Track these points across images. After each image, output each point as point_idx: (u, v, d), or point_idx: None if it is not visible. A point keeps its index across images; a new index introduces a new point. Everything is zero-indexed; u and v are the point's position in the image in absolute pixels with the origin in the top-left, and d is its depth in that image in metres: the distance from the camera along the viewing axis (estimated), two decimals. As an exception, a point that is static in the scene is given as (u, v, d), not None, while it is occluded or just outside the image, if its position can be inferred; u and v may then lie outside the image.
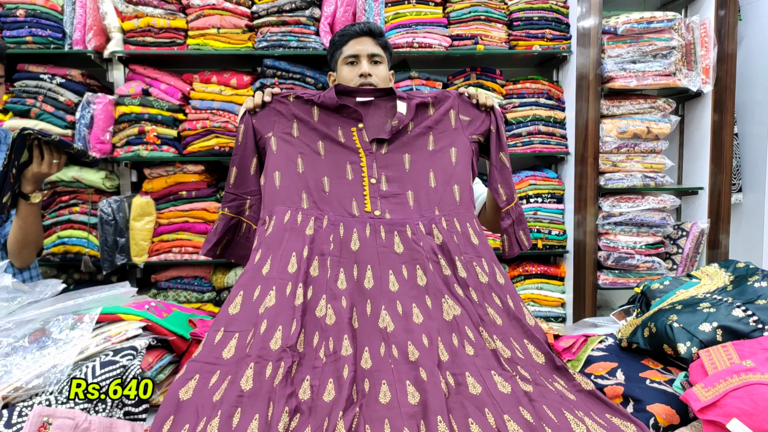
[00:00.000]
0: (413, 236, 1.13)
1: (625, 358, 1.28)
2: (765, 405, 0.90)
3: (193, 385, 0.93)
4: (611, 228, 2.72)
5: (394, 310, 1.05)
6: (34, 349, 1.16)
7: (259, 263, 1.10)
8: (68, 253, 2.56)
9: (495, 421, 0.88)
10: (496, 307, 1.10)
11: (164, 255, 2.60)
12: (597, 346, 1.40)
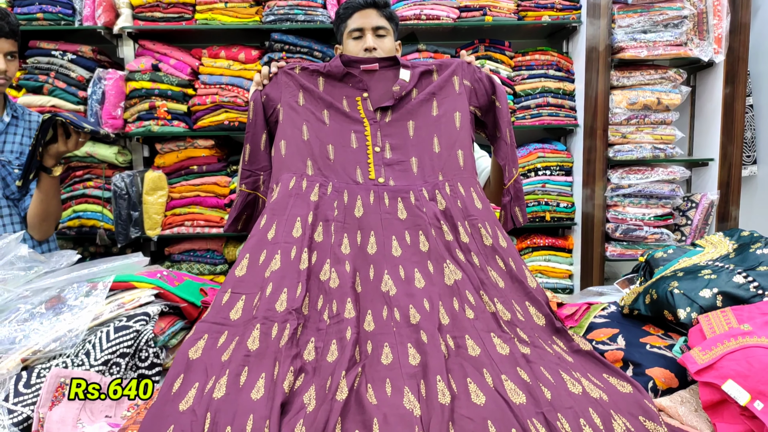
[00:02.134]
0: (416, 202, 1.15)
1: (627, 325, 1.30)
2: (760, 366, 0.91)
3: (202, 345, 0.97)
4: (620, 200, 2.71)
5: (396, 274, 1.07)
6: (51, 315, 1.21)
7: (264, 228, 1.13)
8: (84, 227, 2.61)
9: (493, 380, 0.91)
10: (499, 269, 1.12)
11: (177, 228, 2.65)
12: (599, 313, 1.42)
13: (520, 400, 0.88)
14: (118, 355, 1.11)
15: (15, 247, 1.41)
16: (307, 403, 0.87)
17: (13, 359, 1.09)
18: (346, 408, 0.85)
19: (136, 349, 1.15)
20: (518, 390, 0.90)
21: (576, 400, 0.89)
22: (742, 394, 0.90)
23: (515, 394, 0.89)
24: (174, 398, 0.88)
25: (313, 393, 0.89)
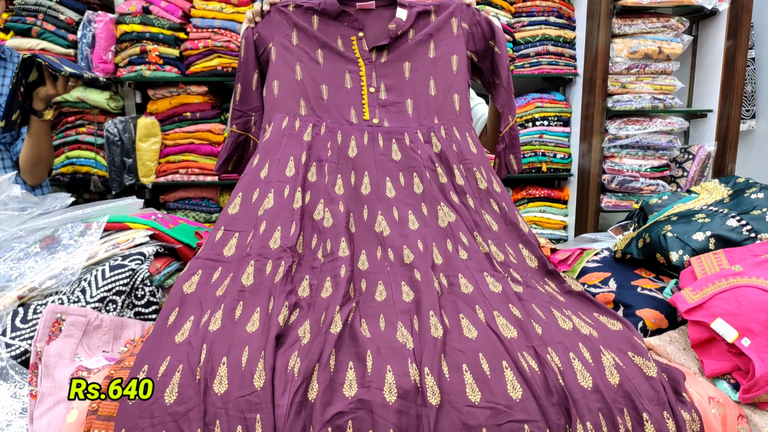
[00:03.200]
0: (411, 144, 1.14)
1: (619, 269, 1.31)
2: (749, 305, 0.93)
3: (196, 280, 0.97)
4: (617, 151, 2.70)
5: (390, 215, 1.07)
6: (45, 254, 1.21)
7: (257, 167, 1.11)
8: (77, 173, 2.60)
9: (485, 316, 0.92)
10: (493, 212, 1.12)
11: (171, 176, 2.63)
12: (592, 258, 1.43)
13: (511, 335, 0.89)
14: (114, 293, 1.12)
15: (7, 188, 1.40)
16: (301, 336, 0.88)
17: (9, 296, 1.10)
18: (340, 340, 0.86)
19: (132, 288, 1.15)
20: (510, 325, 0.91)
21: (566, 336, 0.90)
22: (730, 331, 0.92)
23: (507, 329, 0.90)
24: (169, 331, 0.89)
25: (308, 327, 0.90)
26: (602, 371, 0.86)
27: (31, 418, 0.89)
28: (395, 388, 0.79)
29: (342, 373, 0.82)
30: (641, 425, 0.82)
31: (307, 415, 0.78)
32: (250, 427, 0.77)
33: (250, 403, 0.78)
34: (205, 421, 0.78)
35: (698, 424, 0.85)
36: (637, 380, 0.86)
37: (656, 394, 0.85)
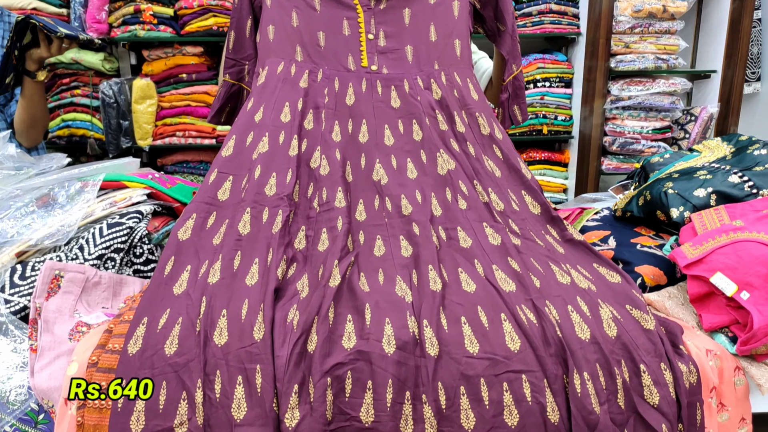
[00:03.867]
0: (410, 91, 1.11)
1: (618, 227, 1.31)
2: (750, 259, 0.92)
3: (191, 225, 0.96)
4: (619, 113, 2.67)
5: (388, 163, 1.05)
6: (42, 213, 1.20)
7: (251, 110, 1.09)
8: (73, 136, 2.57)
9: (483, 270, 0.92)
10: (496, 158, 1.10)
11: (168, 139, 2.61)
12: (592, 217, 1.42)
13: (509, 288, 0.89)
14: (112, 250, 1.11)
15: (2, 146, 1.38)
16: (300, 290, 0.88)
17: (7, 254, 1.10)
18: (338, 294, 0.86)
19: (130, 246, 1.15)
20: (508, 279, 0.91)
21: (564, 290, 0.90)
22: (730, 285, 0.92)
23: (505, 282, 0.90)
24: (167, 281, 0.89)
25: (306, 281, 0.90)
26: (600, 324, 0.86)
27: (32, 371, 0.89)
28: (394, 340, 0.79)
29: (341, 326, 0.83)
30: (638, 376, 0.82)
31: (306, 365, 0.78)
32: (250, 377, 0.77)
33: (250, 354, 0.79)
34: (206, 371, 0.78)
35: (695, 376, 0.85)
36: (634, 333, 0.86)
37: (654, 346, 0.85)
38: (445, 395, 0.78)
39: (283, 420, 0.74)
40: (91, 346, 0.86)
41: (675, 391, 0.82)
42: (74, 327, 0.98)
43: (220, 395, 0.77)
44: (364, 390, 0.77)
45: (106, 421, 0.79)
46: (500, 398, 0.78)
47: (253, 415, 0.75)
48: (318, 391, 0.76)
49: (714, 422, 0.88)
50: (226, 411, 0.76)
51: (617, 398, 0.80)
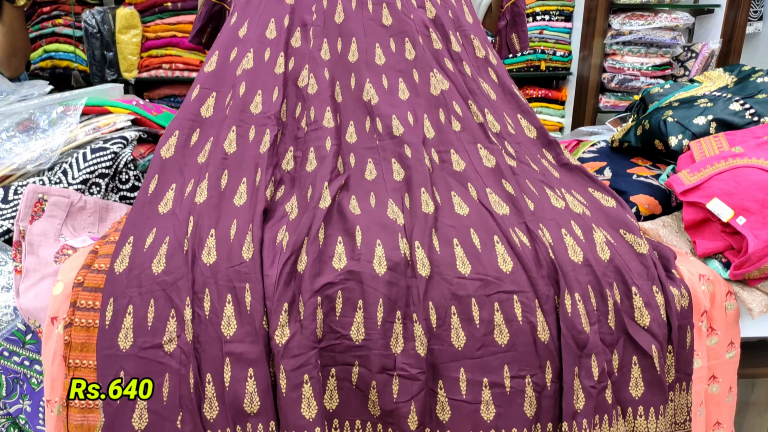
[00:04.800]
0: (403, 8, 1.06)
1: (615, 158, 1.28)
2: (748, 184, 0.91)
3: (174, 142, 0.93)
4: (619, 48, 2.60)
5: (379, 83, 1.01)
6: (24, 137, 1.16)
7: (235, 25, 1.04)
8: (57, 68, 2.49)
9: (477, 193, 0.90)
10: (491, 82, 1.06)
11: (154, 71, 2.53)
12: (588, 149, 1.40)
13: (503, 211, 0.87)
14: (96, 175, 1.08)
15: (-21, 70, 1.33)
16: (289, 212, 0.86)
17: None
18: (328, 216, 0.84)
19: (115, 171, 1.12)
20: (502, 202, 0.89)
21: (558, 213, 0.89)
22: (726, 210, 0.90)
23: (499, 205, 0.88)
24: (151, 200, 0.87)
25: (295, 203, 0.88)
26: (593, 247, 0.85)
27: (17, 292, 0.88)
28: (385, 261, 0.78)
29: (331, 247, 0.81)
30: (629, 298, 0.82)
31: (296, 285, 0.77)
32: (239, 295, 0.76)
33: (239, 273, 0.77)
34: (194, 289, 0.77)
35: (687, 300, 0.85)
36: (627, 256, 0.85)
37: (646, 270, 0.84)
38: (436, 314, 0.77)
39: (273, 337, 0.74)
40: (77, 266, 0.85)
41: (666, 314, 0.82)
42: (59, 250, 0.96)
43: (210, 313, 0.76)
44: (354, 309, 0.77)
45: (93, 339, 0.79)
46: (491, 318, 0.77)
47: (242, 333, 0.75)
48: (308, 310, 0.75)
49: (703, 345, 0.89)
50: (215, 328, 0.75)
51: (608, 319, 0.80)
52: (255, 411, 0.74)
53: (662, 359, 0.81)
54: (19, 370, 0.90)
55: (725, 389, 0.94)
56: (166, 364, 0.75)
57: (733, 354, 0.93)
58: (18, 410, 0.91)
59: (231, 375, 0.74)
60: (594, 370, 0.77)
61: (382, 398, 0.75)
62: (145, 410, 0.74)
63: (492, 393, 0.76)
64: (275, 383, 0.74)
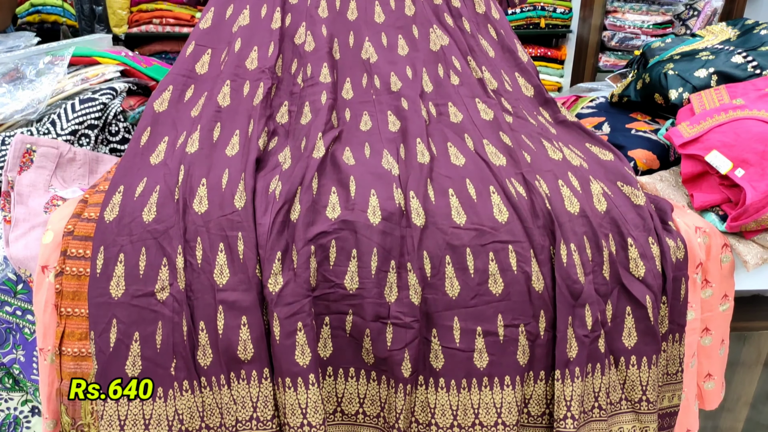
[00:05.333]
0: None
1: (614, 113, 1.27)
2: (748, 136, 0.89)
3: (168, 97, 0.91)
4: (620, 5, 2.54)
5: (378, 41, 0.99)
6: (11, 88, 1.13)
7: None
8: (45, 23, 2.42)
9: (474, 144, 0.89)
10: (490, 39, 1.04)
11: (145, 26, 2.47)
12: (587, 104, 1.38)
13: (500, 162, 0.86)
14: (86, 126, 1.06)
15: (-37, 20, 1.29)
16: (282, 162, 0.85)
17: (-25, 129, 1.04)
18: (322, 166, 0.83)
19: (105, 123, 1.09)
20: (499, 153, 0.88)
21: (555, 165, 0.88)
22: (725, 162, 0.89)
23: (495, 156, 0.87)
24: (143, 151, 0.85)
25: (288, 153, 0.86)
26: (590, 198, 0.84)
27: (7, 241, 0.87)
28: (379, 211, 0.77)
29: (325, 197, 0.80)
30: (625, 249, 0.81)
31: (289, 234, 0.76)
32: (232, 244, 0.75)
33: (232, 221, 0.76)
34: (186, 238, 0.76)
35: (682, 252, 0.85)
36: (624, 208, 0.84)
37: (642, 221, 0.84)
38: (431, 264, 0.77)
39: (266, 285, 0.73)
40: (67, 215, 0.83)
41: (661, 265, 0.82)
42: (49, 200, 0.95)
43: (202, 261, 0.75)
44: (348, 258, 0.76)
45: (84, 288, 0.78)
46: (485, 267, 0.77)
47: (235, 281, 0.74)
48: (301, 258, 0.74)
49: (697, 297, 0.89)
50: (208, 276, 0.75)
51: (602, 270, 0.80)
52: (249, 358, 0.74)
53: (656, 310, 0.81)
54: (12, 320, 0.89)
55: (717, 341, 0.95)
56: (159, 312, 0.74)
57: (727, 307, 0.93)
58: (12, 360, 0.91)
59: (224, 323, 0.73)
60: (588, 320, 0.77)
61: (375, 346, 0.75)
62: (138, 357, 0.74)
63: (485, 341, 0.76)
64: (269, 331, 0.74)
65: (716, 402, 0.99)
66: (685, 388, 0.92)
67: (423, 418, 0.77)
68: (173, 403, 0.74)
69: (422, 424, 0.78)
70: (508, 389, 0.77)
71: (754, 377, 1.03)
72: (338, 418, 0.79)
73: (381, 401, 0.78)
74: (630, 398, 0.82)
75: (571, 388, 0.76)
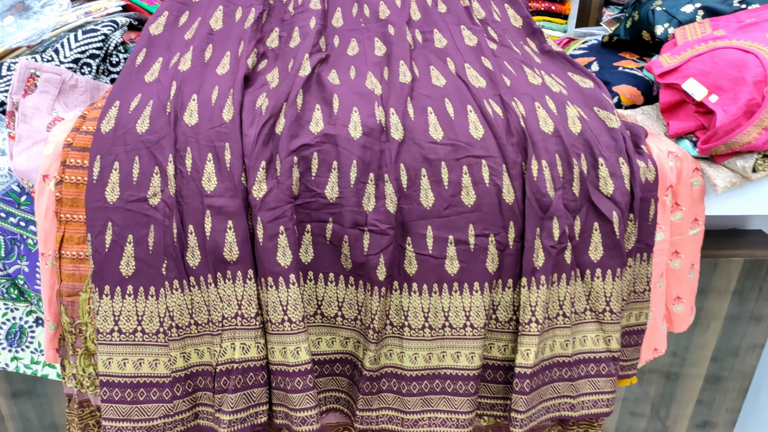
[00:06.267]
0: None
1: (604, 53, 1.29)
2: (724, 63, 0.92)
3: (163, 21, 0.95)
4: (626, -41, 2.52)
5: None
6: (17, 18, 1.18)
7: None
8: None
9: (455, 67, 0.92)
10: None
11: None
12: (579, 46, 1.40)
13: (479, 84, 0.90)
14: (87, 55, 1.10)
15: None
16: (270, 81, 0.88)
17: (-18, 56, 1.09)
18: (307, 84, 0.87)
19: (106, 53, 1.14)
20: (479, 76, 0.91)
21: (534, 89, 0.91)
22: (700, 89, 0.92)
23: (476, 79, 0.90)
24: (138, 70, 0.90)
25: (276, 73, 0.90)
26: (565, 120, 0.87)
27: (11, 155, 0.92)
28: (360, 126, 0.81)
29: (309, 113, 0.84)
30: (596, 169, 0.85)
31: (274, 145, 0.81)
32: (219, 154, 0.80)
33: (220, 133, 0.81)
34: (177, 147, 0.80)
35: (653, 174, 0.88)
36: (598, 131, 0.88)
37: (615, 143, 0.87)
38: (407, 176, 0.81)
39: (251, 191, 0.78)
40: (66, 129, 0.88)
41: (630, 184, 0.85)
42: (52, 122, 1.00)
43: (191, 169, 0.80)
44: (329, 170, 0.80)
45: (82, 195, 0.83)
46: (459, 180, 0.81)
47: (222, 188, 0.79)
48: (284, 167, 0.79)
49: (667, 219, 0.92)
50: (197, 183, 0.79)
51: (572, 186, 0.84)
52: (234, 259, 0.79)
53: (622, 225, 0.84)
54: (16, 231, 0.95)
55: (687, 265, 0.99)
56: (151, 216, 0.79)
57: (697, 231, 0.97)
58: (17, 270, 0.97)
59: (212, 226, 0.78)
60: (555, 231, 0.81)
61: (353, 252, 0.80)
62: (132, 258, 0.80)
63: (456, 249, 0.81)
64: (253, 234, 0.79)
65: (685, 325, 1.03)
66: (653, 308, 0.96)
67: (397, 321, 0.83)
68: (164, 300, 0.80)
69: (396, 326, 0.83)
70: (476, 294, 0.82)
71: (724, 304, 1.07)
72: (318, 320, 0.84)
73: (358, 305, 0.83)
74: (594, 309, 0.86)
75: (537, 295, 0.81)
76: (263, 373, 0.81)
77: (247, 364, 0.80)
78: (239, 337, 0.80)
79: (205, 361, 0.83)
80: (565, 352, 0.86)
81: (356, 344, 0.85)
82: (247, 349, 0.80)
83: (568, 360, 0.87)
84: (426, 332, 0.82)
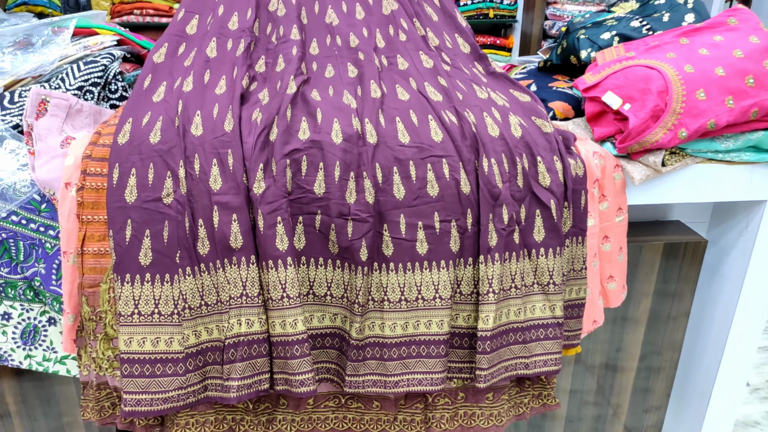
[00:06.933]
0: None
1: (540, 76, 1.50)
2: (634, 78, 1.12)
3: (164, 51, 1.11)
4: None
5: (339, 8, 1.21)
6: (23, 53, 1.31)
7: None
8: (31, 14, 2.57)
9: (417, 85, 1.10)
10: (433, 5, 1.27)
11: (126, 17, 2.64)
12: (519, 71, 1.61)
13: (437, 99, 1.08)
14: (90, 83, 1.24)
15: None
16: (261, 99, 1.04)
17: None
18: (294, 100, 1.03)
19: (106, 81, 1.27)
20: (437, 92, 1.09)
21: (482, 102, 1.10)
22: (616, 100, 1.12)
23: (434, 94, 1.09)
24: (146, 93, 1.04)
25: (266, 92, 1.06)
26: (508, 126, 1.06)
27: (33, 168, 1.05)
28: (341, 133, 0.98)
29: (297, 124, 1.00)
30: (535, 165, 1.03)
31: (269, 150, 0.96)
32: (223, 158, 0.95)
33: (223, 141, 0.96)
34: (186, 154, 0.95)
35: (582, 169, 1.07)
36: (535, 135, 1.06)
37: (549, 144, 1.06)
38: (382, 173, 0.97)
39: (252, 189, 0.93)
40: (84, 144, 1.02)
41: (563, 177, 1.04)
42: (64, 140, 1.13)
43: (199, 173, 0.94)
44: (317, 170, 0.96)
45: (103, 198, 0.96)
46: (424, 175, 0.98)
47: (227, 187, 0.94)
48: (279, 168, 0.94)
49: (596, 208, 1.11)
50: (204, 184, 0.94)
51: (517, 180, 1.02)
52: (239, 247, 0.93)
53: (559, 211, 1.03)
54: (35, 237, 1.07)
55: (616, 248, 1.18)
56: (166, 213, 0.93)
57: (622, 218, 1.16)
58: (34, 273, 1.08)
59: (219, 219, 0.93)
60: (504, 216, 0.99)
61: (339, 238, 0.95)
62: (149, 250, 0.93)
63: (425, 233, 0.97)
64: (254, 226, 0.94)
65: (618, 301, 1.22)
66: (590, 285, 1.14)
67: (377, 296, 0.98)
68: (178, 285, 0.93)
69: (377, 301, 0.98)
70: (443, 270, 0.98)
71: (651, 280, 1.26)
72: (311, 299, 0.99)
73: (344, 284, 0.98)
74: (540, 282, 1.04)
75: (492, 270, 0.98)
76: (266, 345, 0.95)
77: (252, 336, 0.94)
78: (244, 314, 0.94)
79: (214, 337, 0.96)
80: (518, 318, 1.03)
81: (344, 319, 0.99)
82: (251, 323, 0.94)
83: (521, 326, 1.04)
84: (402, 304, 0.98)
